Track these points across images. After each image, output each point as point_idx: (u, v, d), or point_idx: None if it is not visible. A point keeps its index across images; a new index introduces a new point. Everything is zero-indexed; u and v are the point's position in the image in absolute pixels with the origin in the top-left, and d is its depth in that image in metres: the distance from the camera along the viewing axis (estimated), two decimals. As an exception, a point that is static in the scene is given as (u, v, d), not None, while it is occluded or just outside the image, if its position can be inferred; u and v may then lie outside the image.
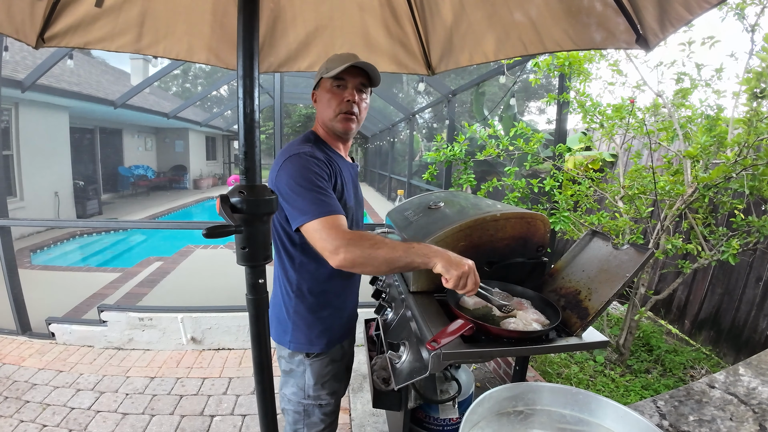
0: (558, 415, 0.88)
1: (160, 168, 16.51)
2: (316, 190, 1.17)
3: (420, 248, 1.11)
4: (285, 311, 1.39)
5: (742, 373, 1.31)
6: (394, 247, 1.10)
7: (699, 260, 2.68)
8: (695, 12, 1.06)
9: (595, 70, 3.12)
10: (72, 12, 1.49)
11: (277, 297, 1.43)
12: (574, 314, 1.21)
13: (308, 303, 1.37)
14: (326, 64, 1.34)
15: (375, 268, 1.10)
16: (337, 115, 1.33)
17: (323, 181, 1.21)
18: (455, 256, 1.10)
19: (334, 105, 1.33)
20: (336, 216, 1.15)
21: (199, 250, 6.48)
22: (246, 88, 0.81)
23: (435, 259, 1.08)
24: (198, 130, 17.11)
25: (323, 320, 1.39)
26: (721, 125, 2.63)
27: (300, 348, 1.38)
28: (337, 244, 1.09)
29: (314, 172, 1.20)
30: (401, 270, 1.15)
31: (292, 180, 1.19)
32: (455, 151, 3.46)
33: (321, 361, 1.40)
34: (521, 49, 1.58)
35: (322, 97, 1.37)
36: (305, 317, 1.37)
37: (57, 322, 3.38)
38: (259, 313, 0.89)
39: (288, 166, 1.22)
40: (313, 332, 1.38)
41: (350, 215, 1.37)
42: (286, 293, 1.38)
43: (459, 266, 1.07)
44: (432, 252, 1.10)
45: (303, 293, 1.36)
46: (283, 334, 1.40)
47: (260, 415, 0.97)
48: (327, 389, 1.43)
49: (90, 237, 8.72)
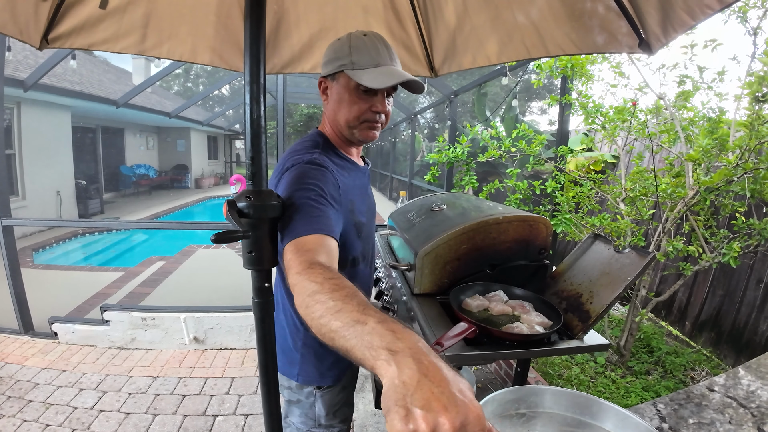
0: (560, 417, 0.89)
1: (162, 167, 16.56)
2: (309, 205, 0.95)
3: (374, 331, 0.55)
4: (292, 342, 1.23)
5: (741, 376, 1.32)
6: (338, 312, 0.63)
7: (700, 262, 2.68)
8: (698, 17, 1.07)
9: (598, 72, 3.15)
10: (76, 13, 1.50)
11: (281, 326, 1.24)
12: (576, 317, 1.22)
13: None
14: (351, 52, 1.06)
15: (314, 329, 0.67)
16: (361, 123, 1.12)
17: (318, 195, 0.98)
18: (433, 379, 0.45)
19: (357, 112, 1.10)
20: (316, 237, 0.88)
21: (201, 250, 6.49)
22: (253, 93, 0.82)
23: (384, 366, 0.49)
24: (200, 129, 17.14)
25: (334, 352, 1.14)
26: (722, 128, 2.64)
27: (310, 381, 1.24)
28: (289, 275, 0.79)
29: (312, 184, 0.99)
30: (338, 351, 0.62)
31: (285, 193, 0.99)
32: (457, 153, 3.47)
33: (332, 390, 1.27)
34: (524, 52, 1.59)
35: (340, 95, 1.11)
36: (315, 350, 1.21)
37: (60, 322, 3.40)
38: (265, 315, 0.90)
39: (287, 178, 1.03)
40: (324, 365, 1.23)
41: (363, 230, 1.21)
42: (293, 323, 1.22)
43: (413, 413, 0.42)
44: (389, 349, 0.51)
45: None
46: (290, 365, 1.24)
47: (265, 416, 0.98)
48: (339, 417, 1.31)
49: (92, 236, 8.74)
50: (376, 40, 1.08)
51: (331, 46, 1.13)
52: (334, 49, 1.10)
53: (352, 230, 1.15)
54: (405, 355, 0.49)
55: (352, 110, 1.10)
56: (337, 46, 1.10)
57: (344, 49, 1.07)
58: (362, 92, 1.08)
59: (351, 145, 1.22)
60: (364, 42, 1.07)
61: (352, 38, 1.08)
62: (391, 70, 1.06)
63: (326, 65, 1.12)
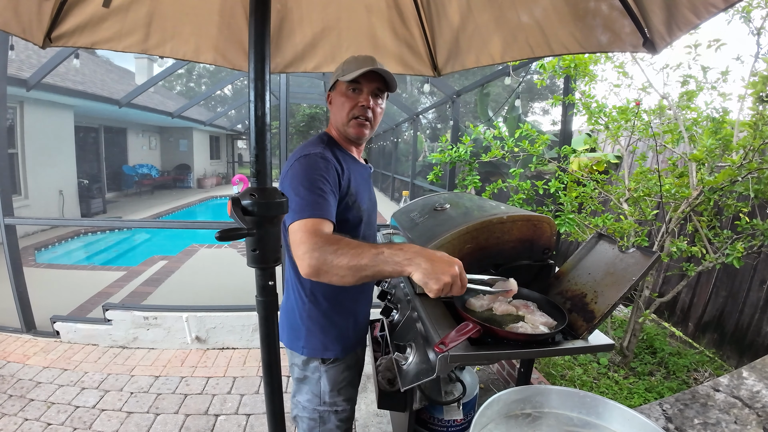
0: (566, 417, 0.88)
1: (164, 167, 16.58)
2: (315, 192, 1.13)
3: (392, 254, 0.95)
4: (298, 316, 1.36)
5: (746, 377, 1.31)
6: (360, 254, 0.95)
7: (703, 263, 2.67)
8: (703, 16, 1.06)
9: (601, 72, 3.12)
10: (79, 12, 1.50)
11: (290, 302, 1.40)
12: (580, 317, 1.21)
13: (323, 307, 1.35)
14: (343, 66, 1.32)
15: (339, 278, 0.97)
16: (350, 120, 1.32)
17: (326, 183, 1.17)
18: (438, 261, 0.92)
19: (348, 109, 1.30)
20: (320, 220, 1.08)
21: (204, 249, 6.50)
22: (257, 90, 0.81)
23: (410, 267, 0.92)
24: (202, 129, 17.17)
25: (337, 325, 1.37)
26: (726, 128, 2.63)
27: (314, 353, 1.36)
28: (304, 249, 1.00)
29: (319, 173, 1.17)
30: (371, 279, 0.99)
31: (296, 180, 1.17)
32: (460, 153, 3.46)
33: (337, 367, 1.38)
34: (528, 51, 1.58)
35: (336, 100, 1.34)
36: (319, 321, 1.35)
37: (62, 321, 3.40)
38: (269, 314, 0.90)
39: (296, 166, 1.20)
40: (327, 337, 1.35)
41: (364, 218, 1.36)
42: (300, 298, 1.36)
43: (439, 278, 0.90)
44: (406, 258, 0.93)
45: (317, 297, 1.34)
46: (296, 339, 1.37)
47: (269, 415, 0.97)
48: (343, 395, 1.41)
49: (94, 235, 8.75)
50: (365, 56, 1.32)
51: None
52: (335, 69, 1.37)
53: (354, 216, 1.31)
54: (416, 257, 0.92)
55: (344, 107, 1.31)
56: (337, 68, 1.36)
57: (339, 68, 1.34)
58: (351, 91, 1.30)
59: (351, 143, 1.40)
60: (354, 58, 1.32)
61: (346, 60, 1.34)
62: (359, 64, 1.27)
63: (330, 83, 1.38)
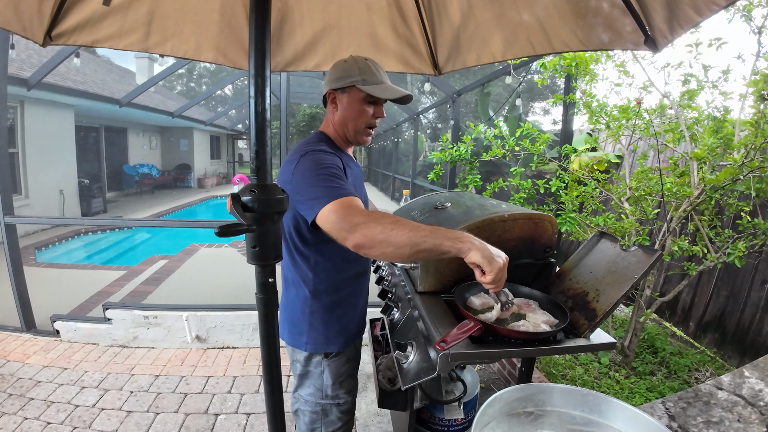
0: (568, 416, 0.88)
1: (165, 167, 16.58)
2: (331, 178, 1.15)
3: (447, 231, 0.99)
4: (300, 313, 1.38)
5: (747, 376, 1.31)
6: (419, 227, 0.98)
7: (704, 262, 2.67)
8: (704, 14, 1.06)
9: (602, 71, 3.11)
10: (80, 10, 1.50)
11: (291, 299, 1.41)
12: (582, 315, 1.21)
13: (325, 302, 1.37)
14: (362, 74, 1.30)
15: (396, 248, 0.97)
16: (365, 129, 1.37)
17: (340, 172, 1.21)
18: (490, 246, 0.98)
19: (366, 119, 1.35)
20: (351, 197, 1.09)
21: (204, 249, 6.49)
22: (258, 86, 0.81)
23: (467, 246, 0.96)
24: (202, 129, 17.16)
25: (340, 319, 1.40)
26: (727, 127, 2.62)
27: (317, 349, 1.38)
28: (354, 222, 1.00)
29: (329, 163, 1.21)
30: (426, 255, 0.99)
31: (307, 172, 1.18)
32: (461, 152, 3.46)
33: (338, 360, 1.41)
34: (529, 49, 1.58)
35: (349, 105, 1.34)
36: (322, 317, 1.37)
37: (62, 320, 3.40)
38: (269, 311, 0.90)
39: (304, 162, 1.22)
40: (330, 331, 1.38)
41: None
42: (302, 294, 1.37)
43: (495, 261, 0.95)
44: (464, 237, 0.97)
45: (319, 293, 1.36)
46: (298, 336, 1.39)
47: (268, 413, 0.97)
48: (344, 388, 1.44)
49: (95, 235, 8.75)
50: (376, 65, 1.35)
51: (337, 66, 1.34)
52: (344, 69, 1.32)
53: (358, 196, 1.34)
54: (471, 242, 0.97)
55: (362, 117, 1.34)
56: (346, 66, 1.32)
57: (354, 70, 1.30)
58: (369, 103, 1.33)
59: (349, 145, 1.45)
60: (368, 65, 1.32)
61: (358, 61, 1.32)
62: (391, 87, 1.34)
63: (337, 81, 1.33)
